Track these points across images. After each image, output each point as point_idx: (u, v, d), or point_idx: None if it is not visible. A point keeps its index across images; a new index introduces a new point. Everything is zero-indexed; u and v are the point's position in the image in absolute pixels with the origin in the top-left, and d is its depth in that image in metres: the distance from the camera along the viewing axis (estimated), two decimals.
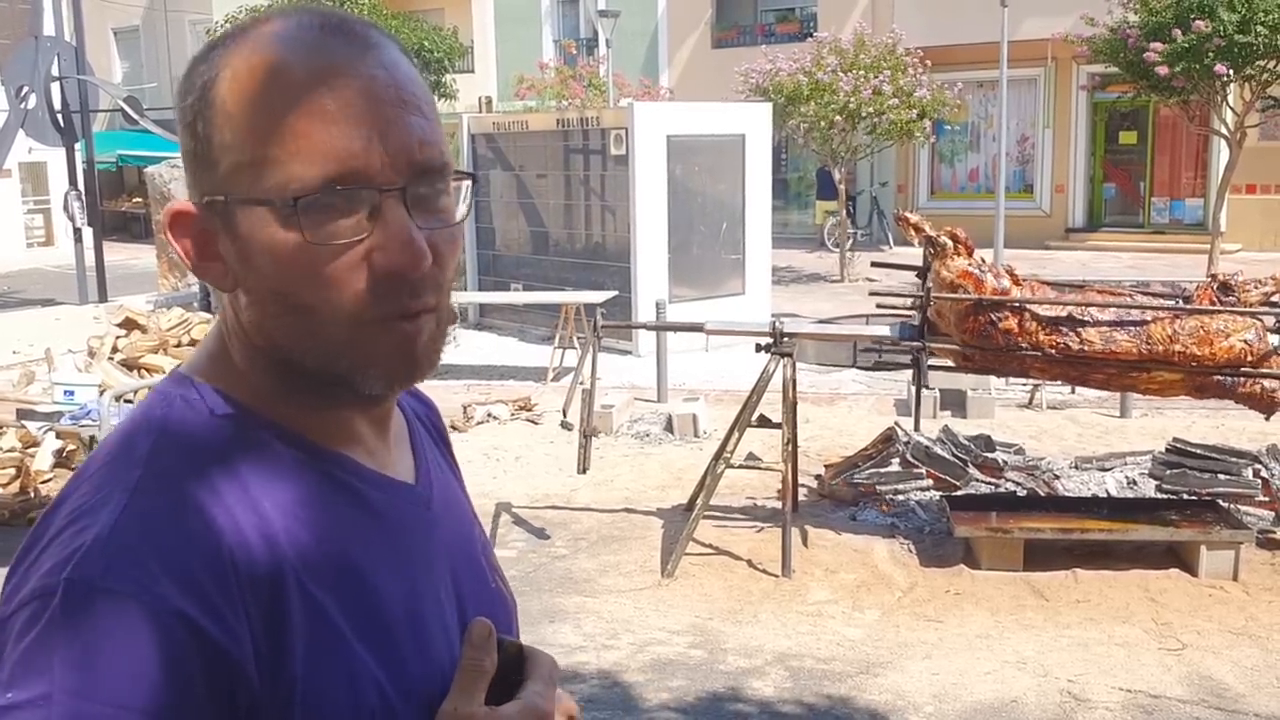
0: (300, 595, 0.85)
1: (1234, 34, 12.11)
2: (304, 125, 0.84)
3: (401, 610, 0.91)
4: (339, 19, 0.89)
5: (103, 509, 0.82)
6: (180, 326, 9.25)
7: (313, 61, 0.86)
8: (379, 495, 0.95)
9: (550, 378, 9.96)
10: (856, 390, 9.45)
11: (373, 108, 0.85)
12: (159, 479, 0.84)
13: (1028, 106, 20.39)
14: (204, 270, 0.90)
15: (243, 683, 0.80)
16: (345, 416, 0.94)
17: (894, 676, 4.56)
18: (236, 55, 0.87)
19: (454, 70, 23.41)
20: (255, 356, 0.91)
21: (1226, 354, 5.22)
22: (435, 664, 0.92)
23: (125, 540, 0.80)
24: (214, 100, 0.87)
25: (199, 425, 0.89)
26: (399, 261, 0.86)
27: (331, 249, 0.85)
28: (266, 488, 0.87)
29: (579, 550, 6.00)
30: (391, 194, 0.86)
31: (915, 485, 6.48)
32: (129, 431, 0.90)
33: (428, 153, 0.87)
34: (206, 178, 0.88)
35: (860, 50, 15.59)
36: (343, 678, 0.85)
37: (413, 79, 0.89)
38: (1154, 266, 16.16)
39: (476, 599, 1.01)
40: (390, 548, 0.94)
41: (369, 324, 0.87)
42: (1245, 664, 4.61)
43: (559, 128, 12.16)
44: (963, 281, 5.33)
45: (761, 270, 11.78)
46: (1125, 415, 8.29)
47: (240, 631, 0.80)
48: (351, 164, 0.84)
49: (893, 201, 21.51)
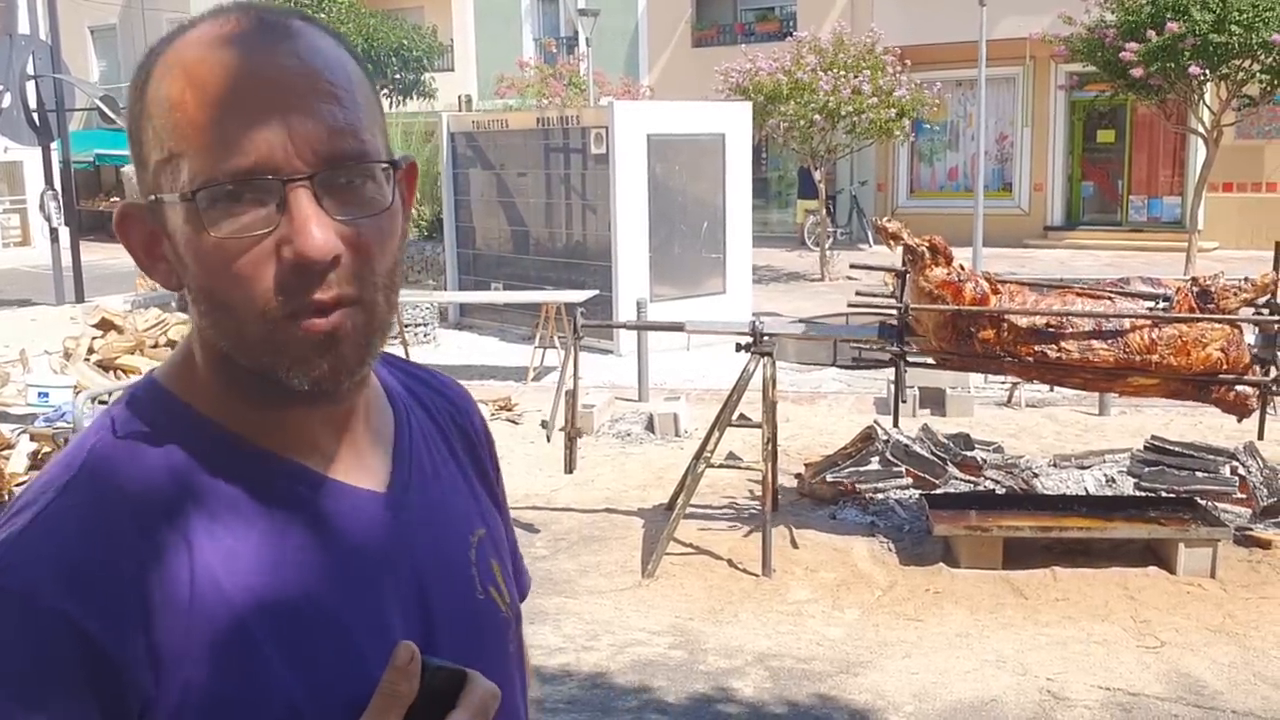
0: (213, 601, 0.85)
1: (1208, 33, 12.18)
2: (210, 119, 0.84)
3: (329, 623, 0.89)
4: (259, 12, 0.88)
5: (28, 509, 0.86)
6: (157, 327, 9.19)
7: (222, 56, 0.85)
8: (328, 502, 0.93)
9: (531, 377, 9.94)
10: (837, 389, 9.47)
11: (279, 97, 0.84)
12: (80, 484, 0.86)
13: (1006, 105, 20.48)
14: (152, 270, 0.92)
15: (132, 686, 0.81)
16: (299, 420, 0.93)
17: (874, 676, 4.57)
18: (163, 58, 0.88)
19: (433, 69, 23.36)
20: (209, 356, 0.91)
21: (1204, 363, 5.25)
22: (364, 679, 0.87)
23: (28, 543, 0.83)
24: (144, 101, 0.88)
25: (144, 431, 0.90)
26: (303, 251, 0.83)
27: (239, 243, 0.84)
28: (198, 499, 0.88)
29: (559, 551, 5.98)
30: (298, 184, 0.84)
31: (895, 484, 6.49)
32: (79, 438, 0.92)
33: (340, 142, 0.85)
34: (143, 177, 0.89)
35: (839, 49, 15.62)
36: (251, 690, 0.84)
37: (331, 66, 0.87)
38: (1132, 264, 16.23)
39: (452, 611, 0.98)
40: (329, 557, 0.91)
41: (279, 320, 0.85)
42: (1223, 661, 4.64)
43: (539, 126, 12.14)
44: (942, 291, 5.33)
45: (742, 269, 11.79)
46: (1104, 413, 8.33)
47: (132, 636, 0.82)
48: (254, 155, 0.83)
49: (873, 200, 21.58)
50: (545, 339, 10.15)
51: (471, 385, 9.70)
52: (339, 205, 0.86)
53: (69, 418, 6.66)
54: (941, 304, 5.35)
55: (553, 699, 4.38)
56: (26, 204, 22.62)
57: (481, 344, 11.96)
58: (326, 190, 0.85)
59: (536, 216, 12.33)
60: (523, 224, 12.52)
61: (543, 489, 6.98)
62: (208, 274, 0.86)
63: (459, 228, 13.11)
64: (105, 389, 6.94)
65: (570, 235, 12.03)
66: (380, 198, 0.89)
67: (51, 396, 7.33)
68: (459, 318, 13.05)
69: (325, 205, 0.85)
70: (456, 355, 11.27)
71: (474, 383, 9.87)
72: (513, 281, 12.30)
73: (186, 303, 0.92)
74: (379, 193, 0.89)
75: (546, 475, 7.13)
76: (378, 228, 0.88)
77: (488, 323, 12.70)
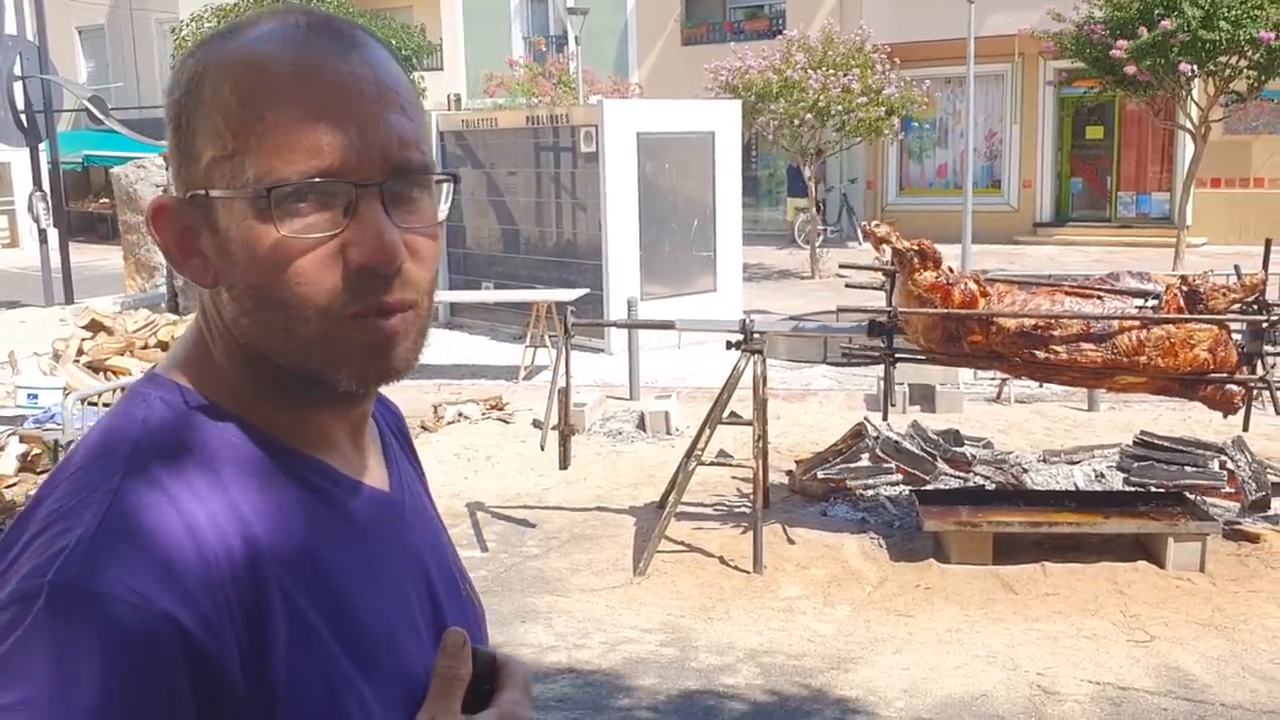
0: (282, 600, 0.84)
1: (1198, 30, 12.22)
2: (283, 120, 0.84)
3: (376, 617, 0.91)
4: (325, 19, 0.89)
5: (85, 510, 0.81)
6: (147, 328, 9.17)
7: (296, 58, 0.86)
8: (354, 502, 0.95)
9: (522, 377, 9.94)
10: (827, 386, 9.48)
11: (353, 104, 0.86)
12: (141, 480, 0.83)
13: (995, 102, 20.52)
14: (185, 265, 0.90)
15: (227, 688, 0.79)
16: (322, 420, 0.94)
17: (865, 671, 4.58)
18: (222, 52, 0.88)
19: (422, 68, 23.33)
20: (235, 354, 0.91)
21: (1191, 363, 5.28)
22: (409, 672, 0.91)
23: (109, 542, 0.79)
24: (199, 95, 0.87)
25: (178, 426, 0.88)
26: (372, 256, 0.85)
27: (304, 243, 0.85)
28: (246, 491, 0.87)
29: (551, 550, 5.99)
30: (368, 190, 0.86)
31: (885, 480, 6.51)
32: (108, 432, 0.89)
33: (407, 152, 0.87)
34: (189, 172, 0.88)
35: (829, 47, 15.64)
36: (323, 684, 0.85)
37: (397, 79, 0.90)
38: (1121, 260, 16.26)
39: (451, 606, 1.02)
40: (365, 555, 0.93)
41: (341, 319, 0.86)
42: (1212, 655, 4.66)
43: (529, 125, 12.13)
44: (930, 294, 5.35)
45: (733, 267, 11.80)
46: (1093, 409, 8.36)
47: (226, 636, 0.80)
48: (329, 159, 0.84)
49: (862, 198, 21.60)
50: (536, 338, 10.15)
51: (462, 385, 9.72)
52: (400, 213, 0.88)
53: (58, 419, 6.65)
54: (930, 307, 5.37)
55: (544, 697, 4.39)
56: (15, 205, 22.55)
57: (472, 343, 11.95)
58: (391, 198, 0.87)
59: (527, 215, 12.33)
60: (513, 223, 12.51)
61: (534, 488, 6.98)
62: (264, 271, 0.86)
63: (449, 227, 13.04)
64: (95, 390, 6.93)
65: (560, 234, 12.03)
66: (433, 209, 0.91)
67: (41, 398, 7.31)
68: (449, 317, 13.04)
69: (389, 213, 0.86)
70: (447, 355, 11.26)
71: (464, 382, 9.88)
72: (503, 280, 12.30)
73: (209, 300, 0.91)
74: (432, 204, 0.91)
75: (538, 475, 7.14)
76: (431, 237, 0.91)
77: (478, 322, 12.70)
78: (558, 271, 11.71)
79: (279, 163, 0.84)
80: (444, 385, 9.65)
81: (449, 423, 8.40)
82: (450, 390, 9.42)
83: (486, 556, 5.90)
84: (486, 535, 6.22)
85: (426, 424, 8.24)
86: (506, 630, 4.96)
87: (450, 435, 8.19)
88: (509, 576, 5.64)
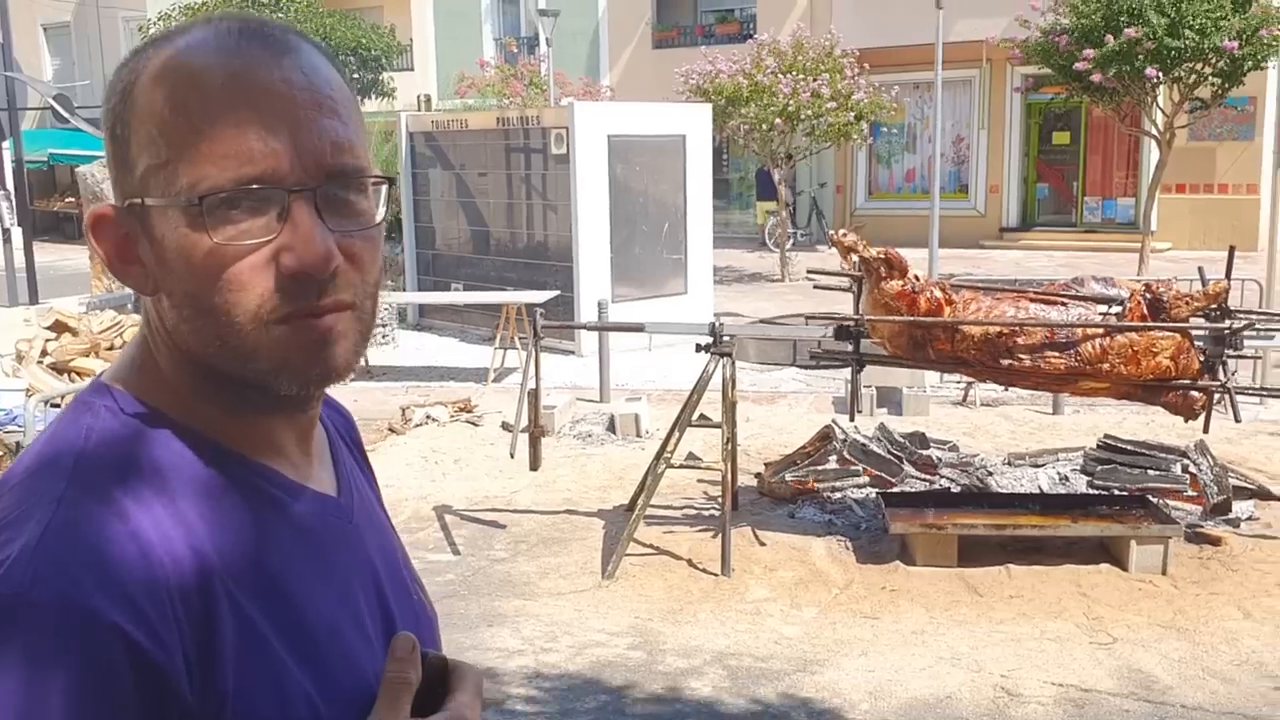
0: (230, 607, 0.84)
1: (1164, 37, 12.37)
2: (215, 127, 0.84)
3: (325, 623, 0.91)
4: (258, 24, 0.89)
5: (29, 520, 0.80)
6: (113, 329, 9.08)
7: (228, 65, 0.86)
8: (302, 508, 0.95)
9: (491, 379, 9.92)
10: (796, 389, 9.52)
11: (285, 110, 0.86)
12: (86, 490, 0.83)
13: (963, 108, 20.67)
14: (125, 273, 0.90)
15: (174, 697, 0.79)
16: (268, 426, 0.94)
17: (831, 674, 4.60)
18: (155, 60, 0.88)
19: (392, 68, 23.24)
20: (179, 362, 0.91)
21: (1154, 370, 5.34)
22: (360, 677, 0.92)
23: (53, 552, 0.78)
24: (133, 104, 0.87)
25: (125, 435, 0.88)
26: (304, 261, 0.85)
27: (238, 249, 0.85)
28: (193, 499, 0.86)
29: (519, 553, 5.98)
30: (301, 195, 0.86)
31: (852, 483, 6.54)
32: (53, 442, 0.88)
33: (341, 156, 0.88)
34: (126, 180, 0.88)
35: (799, 52, 15.72)
36: (273, 690, 0.85)
37: (331, 83, 0.89)
38: (1087, 265, 16.40)
39: (402, 611, 1.02)
40: (313, 561, 0.93)
41: (275, 323, 0.86)
42: (1173, 656, 4.71)
43: (499, 126, 12.12)
44: (897, 302, 5.40)
45: (703, 270, 11.83)
46: (1058, 412, 8.44)
47: (172, 644, 0.79)
48: (261, 165, 0.84)
49: (832, 202, 21.71)
50: (506, 340, 10.13)
51: (431, 387, 9.69)
52: (335, 218, 0.88)
53: (20, 421, 6.57)
54: (897, 314, 5.41)
55: (511, 701, 4.38)
56: None
57: (441, 345, 11.91)
58: (325, 203, 0.87)
59: (497, 217, 12.31)
60: (483, 224, 12.49)
61: (502, 490, 6.97)
62: (199, 278, 0.86)
63: (418, 228, 13.06)
64: (58, 391, 6.86)
65: (531, 236, 12.02)
66: (371, 211, 0.91)
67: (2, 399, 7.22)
68: (418, 319, 13.00)
69: (324, 217, 0.87)
70: (416, 356, 11.22)
71: (433, 384, 9.85)
72: (473, 282, 12.27)
73: (151, 307, 0.91)
74: (369, 206, 0.91)
75: (506, 477, 7.12)
76: (369, 239, 0.91)
77: (447, 324, 12.66)
78: (528, 273, 11.70)
79: (211, 170, 0.84)
80: (412, 387, 9.62)
81: (417, 425, 8.37)
82: (418, 392, 9.39)
83: (454, 560, 5.88)
84: (454, 538, 6.20)
85: (394, 426, 8.20)
86: (473, 634, 4.95)
87: (418, 438, 8.16)
88: (476, 580, 5.63)
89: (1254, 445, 7.45)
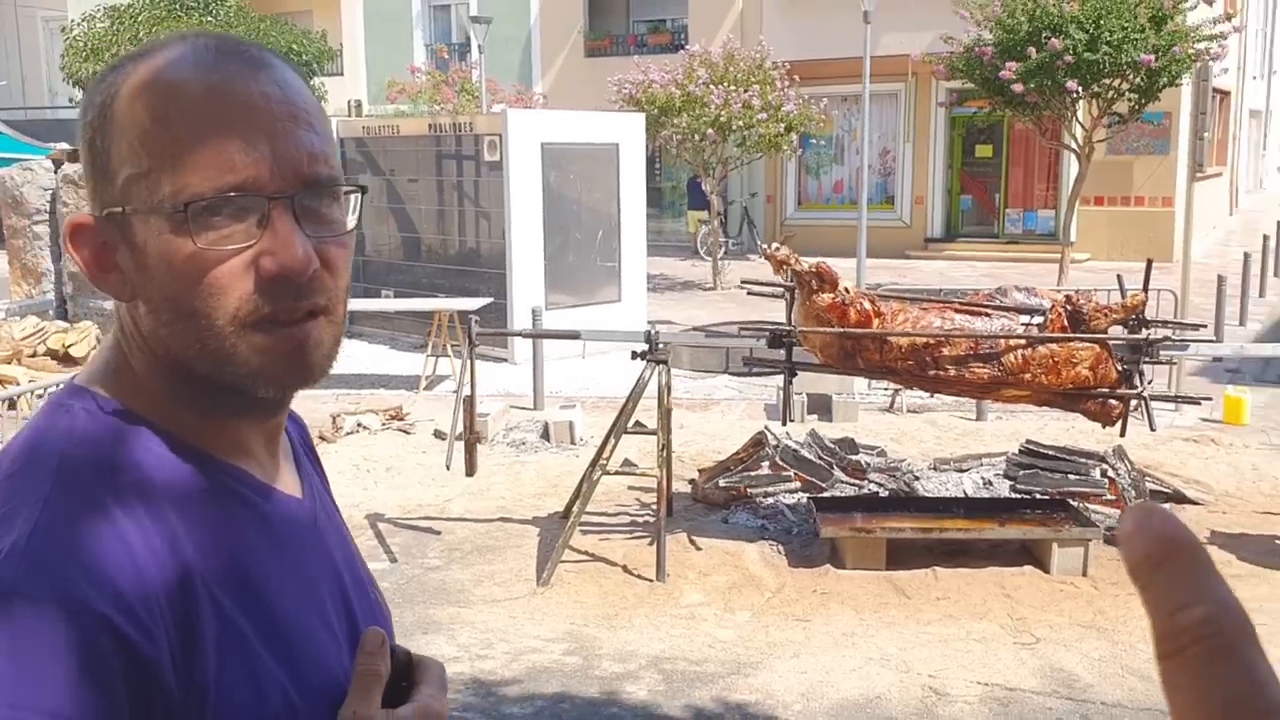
0: (210, 604, 0.87)
1: (1083, 52, 12.71)
2: (197, 138, 0.88)
3: (296, 620, 0.95)
4: (234, 42, 0.94)
5: (15, 519, 0.83)
6: (35, 335, 8.90)
7: (207, 79, 0.90)
8: (271, 509, 0.98)
9: (423, 386, 9.87)
10: (729, 396, 9.62)
11: (264, 122, 0.90)
12: (70, 489, 0.86)
13: (889, 121, 21.01)
14: (102, 281, 0.93)
15: (160, 690, 0.82)
16: (239, 429, 0.97)
17: (764, 676, 4.68)
18: (135, 74, 0.91)
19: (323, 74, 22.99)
20: (155, 366, 0.94)
21: (1073, 380, 5.52)
22: (329, 671, 0.96)
23: (42, 547, 0.81)
24: (113, 116, 0.90)
25: (105, 437, 0.91)
26: (285, 265, 0.89)
27: (220, 254, 0.89)
28: (172, 499, 0.89)
29: (453, 561, 5.98)
30: (280, 203, 0.90)
31: (784, 488, 6.64)
32: (33, 443, 0.90)
33: (316, 166, 0.92)
34: (106, 190, 0.91)
35: (730, 64, 15.88)
36: (251, 684, 0.88)
37: (303, 96, 0.94)
38: (1009, 275, 16.78)
39: (362, 609, 1.06)
40: (283, 560, 0.97)
41: (254, 326, 0.90)
42: (1094, 655, 4.86)
43: (431, 133, 12.08)
44: (828, 314, 5.52)
45: (637, 278, 11.89)
46: (981, 418, 8.63)
47: (158, 638, 0.82)
48: (242, 173, 0.88)
49: (763, 212, 21.93)
50: (438, 347, 10.09)
51: (361, 394, 9.62)
52: (311, 224, 0.92)
53: None
54: (828, 325, 5.54)
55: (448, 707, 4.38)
56: None
57: (372, 352, 11.83)
58: (302, 210, 0.91)
59: (428, 223, 12.26)
60: (414, 230, 12.43)
61: (435, 499, 6.95)
62: (180, 282, 0.89)
63: None
64: None
65: (463, 242, 11.98)
66: (343, 219, 0.96)
67: None
68: (348, 325, 12.84)
69: (301, 224, 0.91)
70: (346, 364, 11.05)
71: (364, 392, 9.78)
72: (404, 289, 12.20)
73: (126, 313, 0.94)
74: (342, 214, 0.96)
75: (440, 485, 7.11)
76: (341, 245, 0.95)
77: (378, 330, 12.57)
78: (460, 280, 11.67)
79: (194, 178, 0.87)
80: (342, 395, 9.54)
81: (348, 433, 8.31)
82: (349, 400, 9.32)
83: (387, 568, 5.86)
84: (388, 546, 6.18)
85: (325, 435, 8.14)
86: (409, 642, 4.89)
87: (349, 446, 8.10)
88: (410, 588, 5.62)
89: (1169, 450, 7.70)
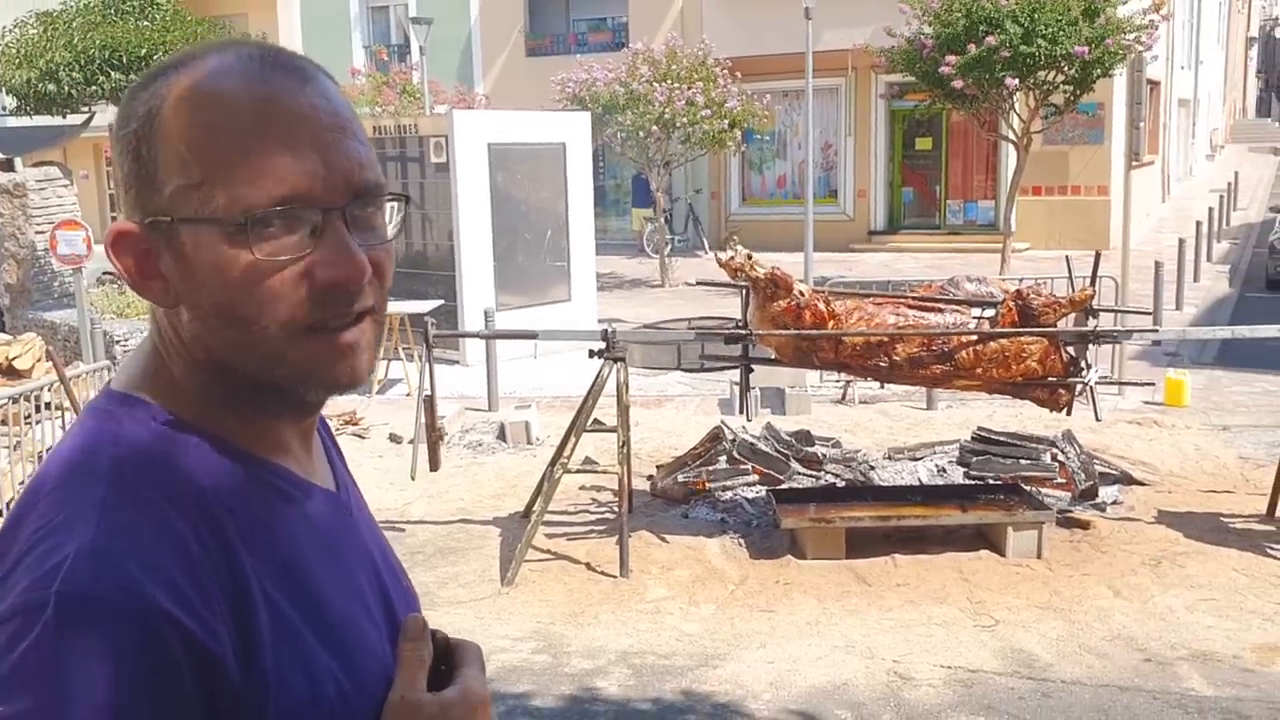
0: (263, 597, 0.90)
1: (1019, 46, 12.93)
2: (250, 150, 0.90)
3: (340, 609, 0.98)
4: (276, 52, 0.95)
5: (76, 524, 0.85)
6: None
7: (256, 91, 0.91)
8: (312, 504, 1.01)
9: (375, 390, 9.82)
10: (682, 392, 9.67)
11: (315, 134, 0.92)
12: (124, 492, 0.88)
13: (831, 115, 21.20)
14: (144, 287, 0.95)
15: (225, 680, 0.85)
16: (278, 428, 1.00)
17: (732, 667, 4.73)
18: (180, 85, 0.92)
19: None
20: (195, 370, 0.96)
21: (1023, 373, 5.65)
22: (374, 658, 0.99)
23: (107, 552, 0.83)
24: (159, 126, 0.91)
25: (153, 440, 0.93)
26: (341, 275, 0.92)
27: (274, 264, 0.91)
28: (220, 497, 0.92)
29: (415, 564, 5.97)
30: (333, 214, 0.92)
31: (742, 481, 6.70)
32: (81, 450, 0.92)
33: (365, 176, 0.94)
34: (150, 199, 0.92)
35: (672, 61, 15.94)
36: (305, 673, 0.91)
37: (347, 107, 0.96)
38: (951, 265, 17.01)
39: (397, 596, 1.09)
40: (325, 551, 1.00)
41: (306, 332, 0.93)
42: (1051, 635, 4.98)
43: (375, 135, 11.97)
44: (784, 317, 5.61)
45: (587, 277, 11.91)
46: (932, 407, 8.76)
47: (220, 631, 0.85)
48: (297, 186, 0.90)
49: (707, 208, 22.02)
50: (389, 350, 10.04)
51: None
52: (360, 232, 0.94)
53: None
54: (783, 327, 5.62)
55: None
56: None
57: None
58: (352, 220, 0.93)
59: None
60: None
61: (394, 503, 6.93)
62: (233, 291, 0.91)
63: None
64: None
65: (410, 245, 11.91)
66: (386, 226, 0.98)
67: None
68: None
69: (351, 232, 0.93)
70: None
71: None
72: None
73: (165, 318, 0.96)
74: (384, 220, 0.98)
75: (398, 489, 7.09)
76: (387, 250, 0.98)
77: None
78: (409, 283, 11.59)
79: (249, 190, 0.89)
80: None
81: None
82: None
83: None
84: None
85: None
86: None
87: None
88: None
89: (1115, 433, 7.87)
